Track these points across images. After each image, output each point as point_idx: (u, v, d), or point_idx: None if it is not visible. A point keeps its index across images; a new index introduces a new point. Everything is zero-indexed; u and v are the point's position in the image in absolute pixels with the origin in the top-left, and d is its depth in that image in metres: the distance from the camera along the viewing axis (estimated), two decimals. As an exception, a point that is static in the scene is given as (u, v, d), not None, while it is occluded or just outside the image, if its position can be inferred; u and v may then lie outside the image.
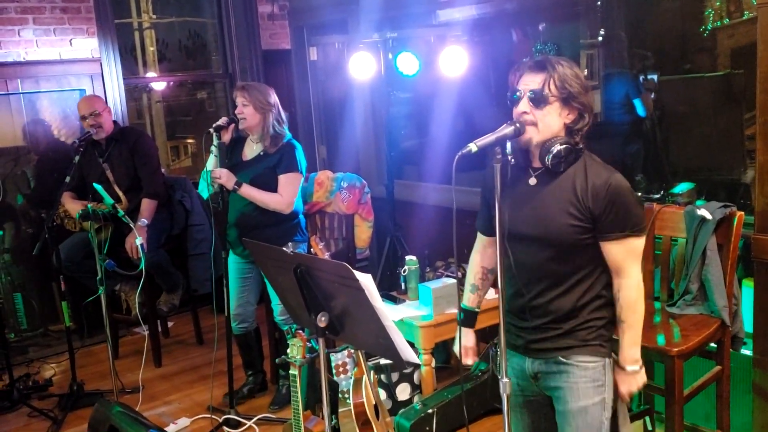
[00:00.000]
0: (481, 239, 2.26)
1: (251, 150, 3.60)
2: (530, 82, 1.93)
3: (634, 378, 2.03)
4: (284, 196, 3.48)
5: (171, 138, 7.37)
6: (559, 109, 1.92)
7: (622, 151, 4.51)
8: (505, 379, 1.95)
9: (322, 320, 2.02)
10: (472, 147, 1.87)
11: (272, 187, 3.49)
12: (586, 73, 4.82)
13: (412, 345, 3.34)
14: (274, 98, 3.52)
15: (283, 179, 3.49)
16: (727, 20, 4.24)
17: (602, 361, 1.99)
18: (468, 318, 2.28)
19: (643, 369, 2.05)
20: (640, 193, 4.02)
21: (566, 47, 4.83)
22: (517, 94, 1.94)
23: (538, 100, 1.90)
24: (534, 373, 2.07)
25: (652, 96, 4.55)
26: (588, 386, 1.99)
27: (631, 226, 1.90)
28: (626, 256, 1.93)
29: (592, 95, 2.02)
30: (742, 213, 2.65)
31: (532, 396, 2.13)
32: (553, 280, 1.98)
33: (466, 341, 2.27)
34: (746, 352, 2.82)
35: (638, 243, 1.95)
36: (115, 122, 4.29)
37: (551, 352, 2.01)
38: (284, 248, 2.06)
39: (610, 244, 1.93)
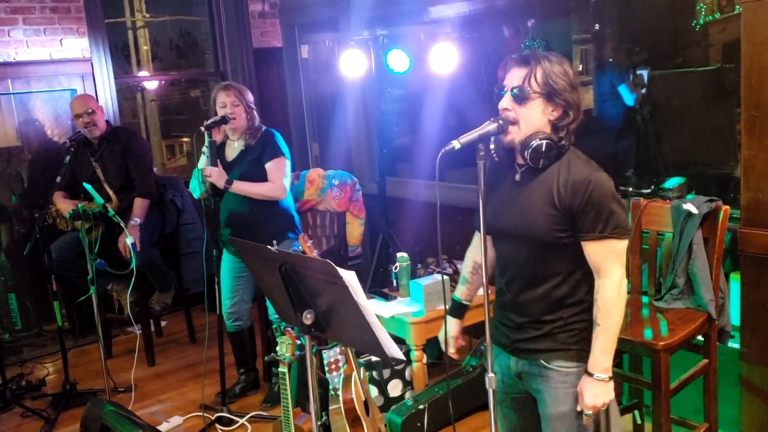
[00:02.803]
0: (477, 235, 2.24)
1: (233, 149, 3.62)
2: (514, 77, 1.92)
3: (601, 389, 1.89)
4: (276, 183, 3.51)
5: (166, 137, 7.37)
6: (542, 106, 1.90)
7: (614, 146, 4.51)
8: (491, 374, 1.96)
9: (307, 317, 2.03)
10: (456, 144, 1.87)
11: (262, 180, 3.52)
12: (580, 69, 4.83)
13: (402, 341, 3.38)
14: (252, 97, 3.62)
15: (271, 166, 3.51)
16: (719, 15, 4.24)
17: (583, 366, 1.95)
18: (455, 308, 2.27)
19: (612, 384, 1.91)
20: (631, 188, 4.03)
21: (557, 43, 4.83)
22: (503, 90, 1.94)
23: (520, 96, 1.89)
24: (518, 372, 2.06)
25: (643, 91, 4.56)
26: (568, 392, 1.96)
27: (611, 228, 1.85)
28: (606, 257, 1.88)
29: (581, 93, 1.98)
30: (728, 207, 2.66)
31: (518, 394, 2.12)
32: (533, 279, 1.96)
33: (450, 330, 2.24)
34: (733, 345, 2.83)
35: (619, 245, 1.88)
36: (107, 122, 4.30)
37: (533, 354, 2.00)
38: (269, 246, 2.07)
39: (589, 244, 1.88)
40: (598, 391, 1.90)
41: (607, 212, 1.85)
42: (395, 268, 3.66)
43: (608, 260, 1.89)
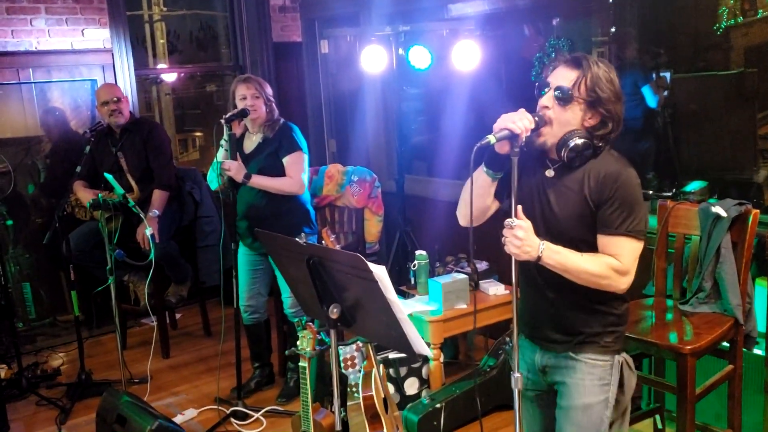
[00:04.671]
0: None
1: (251, 142, 3.62)
2: (562, 77, 1.90)
3: (530, 241, 1.82)
4: (294, 177, 3.51)
5: (180, 131, 7.37)
6: (583, 112, 1.89)
7: (634, 148, 4.47)
8: (517, 374, 1.93)
9: (334, 312, 2.02)
10: (491, 138, 1.84)
11: (280, 174, 3.52)
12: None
13: (421, 339, 3.36)
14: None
15: (288, 160, 3.52)
16: (741, 18, 4.20)
17: (611, 360, 1.97)
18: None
19: (534, 254, 1.83)
20: (651, 191, 4.00)
21: (580, 43, 4.79)
22: (546, 89, 1.92)
23: (564, 98, 1.88)
24: (542, 366, 2.06)
25: (665, 94, 4.52)
26: (594, 384, 1.97)
27: (633, 227, 1.85)
28: (620, 252, 1.86)
29: (623, 105, 1.93)
30: (758, 211, 2.62)
31: (542, 391, 2.12)
32: None
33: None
34: (759, 351, 2.80)
35: (636, 246, 1.88)
36: (130, 112, 4.30)
37: (563, 345, 1.99)
38: (297, 239, 2.05)
39: (604, 238, 1.88)
40: (526, 240, 1.82)
41: (629, 210, 1.85)
42: (413, 266, 3.64)
43: (623, 256, 1.86)
